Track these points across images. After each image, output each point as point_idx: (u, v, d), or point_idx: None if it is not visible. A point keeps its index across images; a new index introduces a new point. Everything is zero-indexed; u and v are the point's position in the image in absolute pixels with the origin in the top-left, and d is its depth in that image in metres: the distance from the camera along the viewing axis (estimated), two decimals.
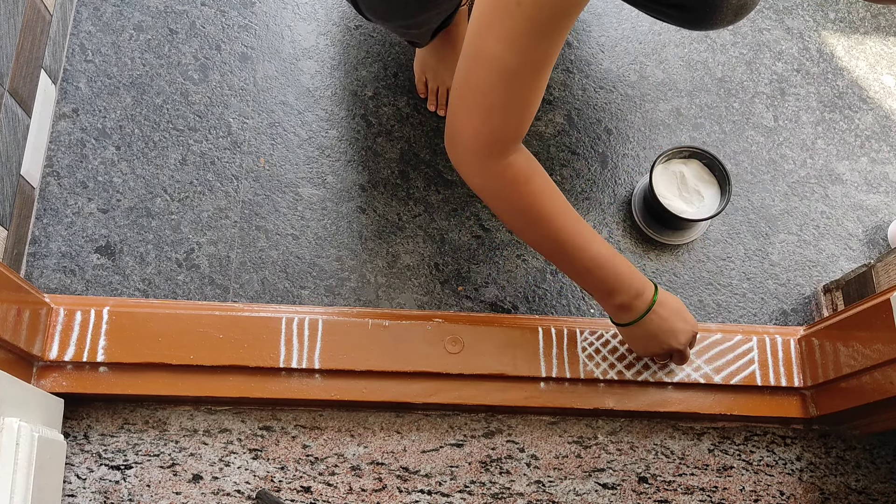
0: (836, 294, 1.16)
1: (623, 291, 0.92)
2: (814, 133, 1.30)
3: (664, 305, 0.95)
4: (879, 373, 0.94)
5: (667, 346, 0.98)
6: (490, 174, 0.83)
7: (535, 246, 0.91)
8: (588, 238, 0.89)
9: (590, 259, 0.89)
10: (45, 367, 1.00)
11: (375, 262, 1.15)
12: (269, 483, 1.03)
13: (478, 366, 1.04)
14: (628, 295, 0.92)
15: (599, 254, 0.90)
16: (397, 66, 1.25)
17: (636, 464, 1.09)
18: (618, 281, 0.91)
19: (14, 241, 1.05)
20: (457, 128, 0.81)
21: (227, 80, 1.21)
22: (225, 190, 1.16)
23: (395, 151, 1.21)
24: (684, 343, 0.98)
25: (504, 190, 0.85)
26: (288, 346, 1.02)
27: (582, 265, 0.90)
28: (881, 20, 1.39)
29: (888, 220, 1.26)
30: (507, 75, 0.75)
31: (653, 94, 1.29)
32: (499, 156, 0.82)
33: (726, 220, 1.23)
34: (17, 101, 1.04)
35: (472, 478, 1.06)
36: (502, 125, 0.79)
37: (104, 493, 1.01)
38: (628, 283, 0.92)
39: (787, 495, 1.09)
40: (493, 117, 0.79)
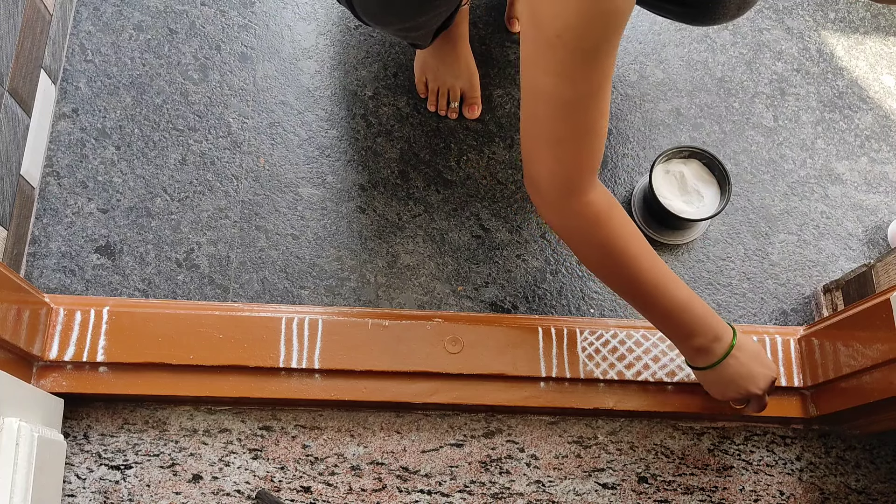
0: (835, 294, 1.16)
1: (701, 335, 0.91)
2: (814, 133, 1.30)
3: (743, 350, 0.94)
4: (879, 373, 0.94)
5: (744, 390, 0.96)
6: (570, 213, 0.83)
7: (613, 286, 0.90)
8: (668, 281, 0.88)
9: (669, 302, 0.88)
10: (45, 367, 1.00)
11: (375, 262, 1.15)
12: (268, 483, 1.03)
13: (478, 366, 1.04)
14: (706, 338, 0.91)
15: (679, 297, 0.89)
16: (397, 66, 1.25)
17: (636, 464, 1.09)
18: (696, 324, 0.90)
19: (14, 241, 1.05)
20: (533, 172, 0.81)
21: (226, 79, 1.21)
22: (225, 190, 1.16)
23: (394, 151, 1.21)
24: (763, 388, 0.96)
25: (584, 228, 0.84)
26: (288, 346, 1.02)
27: (662, 309, 0.89)
28: (881, 20, 1.39)
29: (888, 220, 1.26)
30: (567, 107, 0.75)
31: (652, 94, 1.29)
32: (579, 193, 0.81)
33: (726, 220, 1.23)
34: (16, 100, 1.04)
35: (472, 478, 1.06)
36: (574, 159, 0.79)
37: (104, 493, 1.01)
38: (707, 326, 0.91)
39: (786, 495, 1.10)
40: (564, 153, 0.78)
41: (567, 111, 0.75)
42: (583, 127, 0.77)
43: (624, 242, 0.85)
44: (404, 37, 1.06)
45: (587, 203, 0.82)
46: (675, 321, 0.90)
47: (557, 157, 0.79)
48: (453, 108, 1.21)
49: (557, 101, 0.75)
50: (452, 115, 1.22)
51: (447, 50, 1.17)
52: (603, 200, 0.83)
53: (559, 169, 0.80)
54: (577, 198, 0.82)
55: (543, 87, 0.74)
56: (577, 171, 0.80)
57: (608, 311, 1.16)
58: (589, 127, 0.77)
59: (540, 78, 0.74)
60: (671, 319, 0.90)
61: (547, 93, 0.74)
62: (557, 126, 0.77)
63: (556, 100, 0.74)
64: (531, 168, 0.82)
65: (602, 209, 0.83)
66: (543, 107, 0.76)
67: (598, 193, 0.83)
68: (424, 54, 1.19)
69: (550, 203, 0.83)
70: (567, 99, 0.74)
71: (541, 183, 0.81)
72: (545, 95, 0.75)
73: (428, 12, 0.96)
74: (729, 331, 0.93)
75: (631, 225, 0.86)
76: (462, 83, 1.20)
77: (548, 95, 0.75)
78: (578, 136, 0.77)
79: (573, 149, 0.78)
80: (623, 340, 1.07)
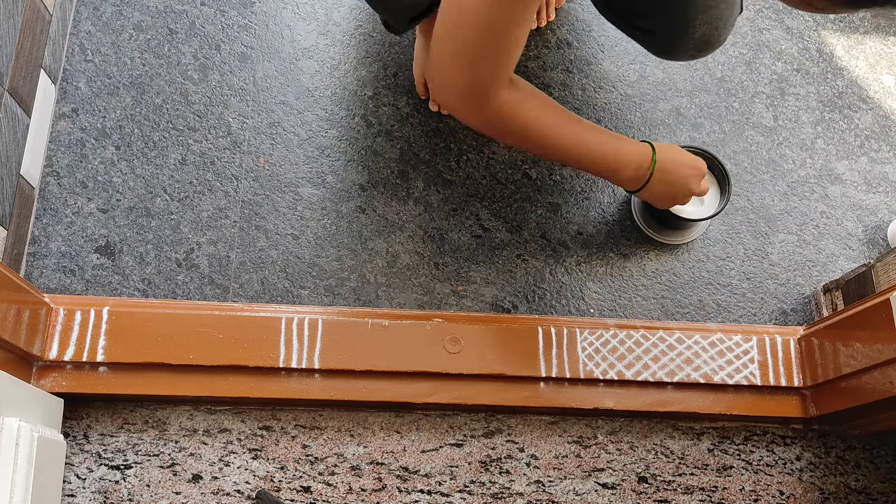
0: (835, 294, 1.16)
1: (625, 168, 0.98)
2: (813, 133, 1.30)
3: (664, 161, 1.00)
4: (879, 372, 0.94)
5: (681, 194, 1.04)
6: (487, 114, 0.87)
7: (542, 157, 0.97)
8: (587, 137, 0.94)
9: (591, 154, 0.95)
10: (45, 367, 1.00)
11: (375, 262, 1.15)
12: (268, 483, 1.03)
13: (477, 366, 1.04)
14: (631, 169, 0.98)
15: (599, 146, 0.95)
16: (397, 66, 1.25)
17: (636, 463, 1.09)
18: (619, 162, 0.97)
19: (14, 241, 1.05)
20: (446, 80, 0.84)
21: (226, 79, 1.21)
22: (225, 190, 1.16)
23: (394, 151, 1.21)
24: (696, 186, 1.04)
25: (501, 123, 0.88)
26: (288, 345, 1.02)
27: (586, 162, 0.96)
28: (881, 20, 1.39)
29: (888, 220, 1.26)
30: (495, 30, 0.78)
31: (652, 94, 1.29)
32: (494, 97, 0.85)
33: (726, 220, 1.23)
34: (16, 100, 1.04)
35: (472, 478, 1.06)
36: (492, 72, 0.83)
37: (104, 492, 1.01)
38: (628, 159, 0.97)
39: (786, 495, 1.10)
40: (481, 69, 0.82)
41: (494, 34, 0.78)
42: (505, 47, 0.80)
43: (539, 123, 0.90)
44: (381, 11, 1.06)
45: (501, 103, 0.86)
46: (600, 167, 0.97)
47: (474, 72, 0.82)
48: None
49: (487, 24, 0.77)
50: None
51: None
52: (515, 96, 0.87)
53: (476, 81, 0.83)
54: (493, 100, 0.85)
55: (474, 8, 0.77)
56: (494, 80, 0.84)
57: (608, 311, 1.16)
58: (511, 46, 0.81)
59: (472, 1, 0.76)
60: (596, 166, 0.97)
61: (476, 14, 0.77)
62: (481, 47, 0.79)
63: (485, 23, 0.77)
64: (444, 78, 0.84)
65: (514, 102, 0.87)
66: (470, 29, 0.78)
67: (511, 89, 0.87)
68: (421, 55, 1.18)
69: (462, 109, 0.88)
70: (498, 23, 0.77)
71: (454, 92, 0.85)
72: (473, 16, 0.77)
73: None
74: (648, 154, 0.99)
75: (543, 103, 0.91)
76: None
77: (476, 17, 0.77)
78: (500, 54, 0.81)
79: (492, 64, 0.82)
80: (623, 340, 1.07)
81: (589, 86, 1.28)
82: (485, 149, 1.22)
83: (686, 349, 1.07)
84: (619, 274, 1.18)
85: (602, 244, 1.19)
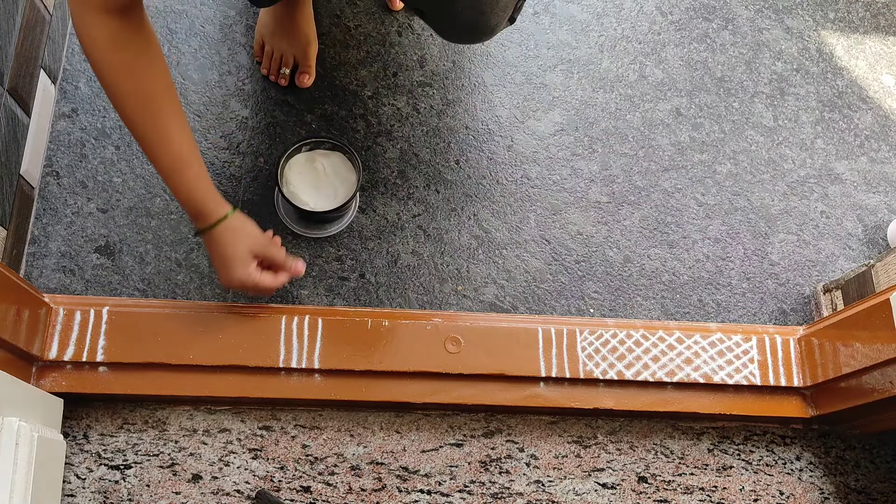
0: (835, 294, 1.16)
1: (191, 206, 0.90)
2: (813, 133, 1.30)
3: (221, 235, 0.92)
4: (879, 372, 0.94)
5: (222, 276, 0.95)
6: (78, 26, 0.80)
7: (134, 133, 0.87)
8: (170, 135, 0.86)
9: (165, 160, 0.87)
10: (45, 367, 1.00)
11: (375, 262, 1.15)
12: (268, 483, 1.03)
13: (477, 365, 1.04)
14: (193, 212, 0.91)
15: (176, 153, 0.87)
16: (397, 66, 1.25)
17: (636, 463, 1.09)
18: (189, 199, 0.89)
19: (13, 241, 1.05)
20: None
21: (225, 79, 1.21)
22: (224, 190, 1.15)
23: (394, 151, 1.21)
24: (233, 281, 0.95)
25: (86, 47, 0.81)
26: (287, 345, 1.02)
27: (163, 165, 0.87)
28: (881, 20, 1.39)
29: (888, 220, 1.26)
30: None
31: (652, 94, 1.29)
32: (92, 8, 0.78)
33: (726, 219, 1.23)
34: (16, 100, 1.04)
35: (472, 477, 1.06)
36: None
37: (104, 492, 1.01)
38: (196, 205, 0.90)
39: (786, 495, 1.10)
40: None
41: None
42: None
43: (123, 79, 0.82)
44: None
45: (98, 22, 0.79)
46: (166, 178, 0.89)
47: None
48: (283, 75, 1.20)
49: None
50: (282, 82, 1.20)
51: (285, 14, 1.15)
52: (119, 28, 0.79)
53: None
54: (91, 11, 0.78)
55: None
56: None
57: (608, 311, 1.16)
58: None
59: None
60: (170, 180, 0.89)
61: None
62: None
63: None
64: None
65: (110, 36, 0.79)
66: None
67: (120, 22, 0.80)
68: (265, 16, 1.17)
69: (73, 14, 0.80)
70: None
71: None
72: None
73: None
74: (216, 216, 0.91)
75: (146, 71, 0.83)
76: (296, 50, 1.18)
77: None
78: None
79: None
80: (623, 340, 1.07)
81: (588, 86, 1.28)
82: (485, 149, 1.22)
83: (686, 349, 1.07)
84: (618, 274, 1.18)
85: (601, 244, 1.19)
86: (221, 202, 0.92)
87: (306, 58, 1.20)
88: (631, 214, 1.21)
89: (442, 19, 0.97)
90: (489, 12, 0.95)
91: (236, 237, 0.93)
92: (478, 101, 1.25)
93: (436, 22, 0.99)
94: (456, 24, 0.96)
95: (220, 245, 0.93)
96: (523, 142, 1.23)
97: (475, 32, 0.98)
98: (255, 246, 0.95)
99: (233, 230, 0.93)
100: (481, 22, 0.95)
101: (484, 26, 0.96)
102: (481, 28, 0.97)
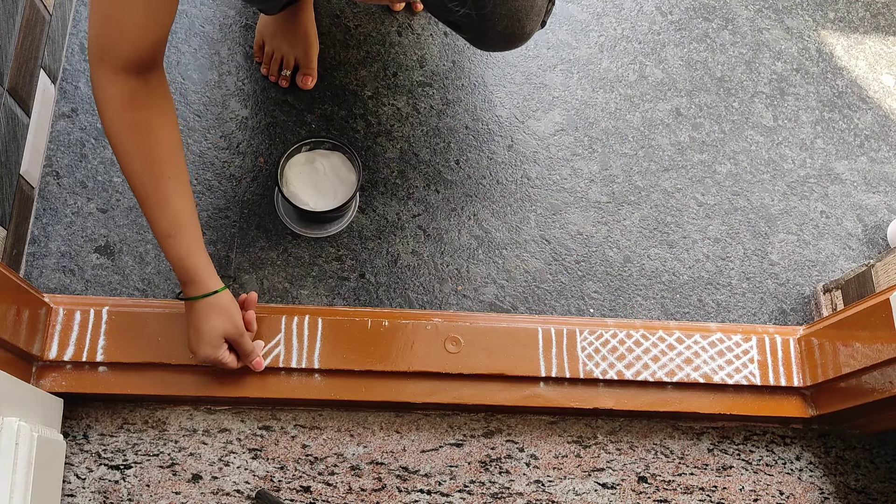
0: (835, 294, 1.16)
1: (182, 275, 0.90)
2: (813, 133, 1.30)
3: (197, 313, 0.92)
4: (879, 372, 0.94)
5: (192, 348, 0.95)
6: (95, 83, 0.81)
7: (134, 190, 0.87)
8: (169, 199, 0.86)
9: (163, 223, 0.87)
10: (45, 367, 0.99)
11: (375, 262, 1.15)
12: (268, 483, 1.03)
13: (477, 365, 1.04)
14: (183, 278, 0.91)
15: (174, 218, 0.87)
16: (397, 66, 1.25)
17: (636, 463, 1.09)
18: (182, 269, 0.89)
19: (13, 241, 1.05)
20: (89, 33, 0.81)
21: (225, 79, 1.21)
22: (224, 190, 1.15)
23: (394, 151, 1.21)
24: (200, 357, 0.95)
25: (100, 104, 0.82)
26: (287, 345, 1.02)
27: (159, 228, 0.88)
28: (881, 20, 1.39)
29: (888, 220, 1.26)
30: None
31: (652, 94, 1.29)
32: (110, 67, 0.80)
33: (726, 219, 1.23)
34: (16, 100, 1.04)
35: (472, 477, 1.06)
36: (118, 33, 0.78)
37: (103, 492, 1.01)
38: (187, 274, 0.90)
39: (786, 495, 1.10)
40: (109, 22, 0.78)
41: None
42: (135, 10, 0.77)
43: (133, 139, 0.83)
44: (254, 3, 1.04)
45: (114, 81, 0.80)
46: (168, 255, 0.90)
47: (103, 24, 0.78)
48: (284, 76, 1.20)
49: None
50: (283, 84, 1.21)
51: (286, 16, 1.15)
52: (137, 90, 0.81)
53: (101, 36, 0.79)
54: (107, 70, 0.80)
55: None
56: (115, 45, 0.78)
57: (608, 311, 1.16)
58: (139, 13, 0.77)
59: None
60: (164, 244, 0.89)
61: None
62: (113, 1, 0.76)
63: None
64: (88, 27, 0.80)
65: (127, 95, 0.81)
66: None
67: (137, 82, 0.81)
68: (266, 17, 1.18)
69: (91, 68, 0.81)
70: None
71: (88, 42, 0.80)
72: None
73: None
74: (204, 289, 0.91)
75: (158, 131, 0.84)
76: (297, 52, 1.19)
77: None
78: (126, 17, 0.77)
79: (118, 23, 0.78)
80: (623, 340, 1.07)
81: (588, 85, 1.28)
82: (485, 148, 1.22)
83: (686, 349, 1.07)
84: (618, 274, 1.18)
85: (601, 243, 1.19)
86: (213, 276, 0.92)
87: (308, 59, 1.20)
88: (631, 214, 1.21)
89: (479, 31, 0.98)
90: (525, 19, 0.96)
91: (217, 316, 0.93)
92: (478, 101, 1.25)
93: (471, 33, 1.00)
94: (493, 33, 0.97)
95: (199, 318, 0.92)
96: (523, 142, 1.23)
97: (512, 39, 0.99)
98: (231, 332, 0.94)
99: (217, 309, 0.92)
100: (518, 29, 0.97)
101: (521, 33, 0.98)
102: (518, 35, 0.98)
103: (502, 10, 0.94)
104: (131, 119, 0.83)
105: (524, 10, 0.95)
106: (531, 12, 0.96)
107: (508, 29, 0.96)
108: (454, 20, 0.99)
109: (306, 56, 1.19)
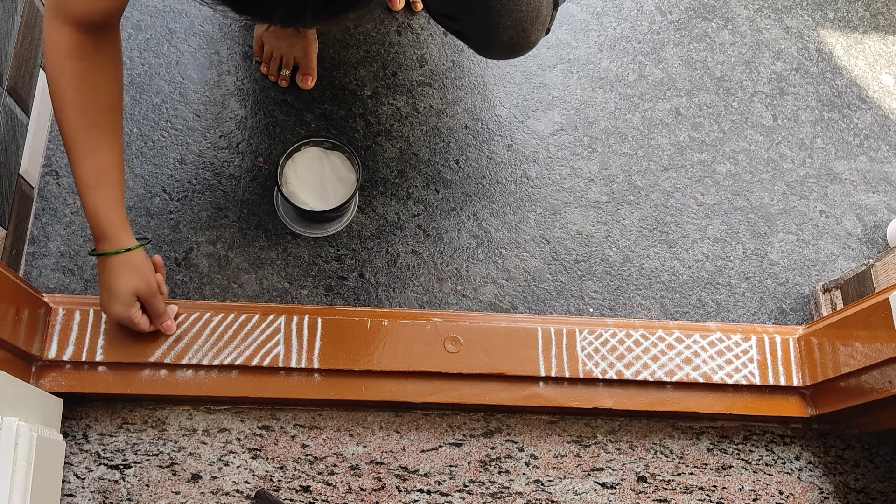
0: (835, 293, 1.16)
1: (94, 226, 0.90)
2: (813, 132, 1.30)
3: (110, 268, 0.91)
4: (878, 372, 0.94)
5: (103, 305, 0.95)
6: (46, 29, 0.82)
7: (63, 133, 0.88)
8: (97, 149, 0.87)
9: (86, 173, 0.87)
10: (44, 367, 0.99)
11: (375, 262, 1.15)
12: (268, 482, 1.03)
13: (477, 365, 1.04)
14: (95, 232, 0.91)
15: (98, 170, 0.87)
16: (397, 65, 1.25)
17: (635, 463, 1.09)
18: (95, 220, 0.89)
19: (13, 241, 1.05)
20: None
21: (224, 79, 1.21)
22: (224, 190, 1.15)
23: (394, 151, 1.21)
24: (112, 315, 0.95)
25: (45, 50, 0.83)
26: (287, 345, 1.02)
27: (82, 177, 0.88)
28: (880, 19, 1.39)
29: (887, 220, 1.26)
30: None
31: (651, 94, 1.29)
32: (61, 18, 0.81)
33: (725, 219, 1.23)
34: (15, 100, 1.04)
35: (472, 477, 1.06)
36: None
37: (103, 492, 1.01)
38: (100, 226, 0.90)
39: (785, 494, 1.10)
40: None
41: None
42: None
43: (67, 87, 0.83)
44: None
45: (62, 30, 0.81)
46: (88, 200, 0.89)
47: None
48: (284, 76, 1.20)
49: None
50: (283, 83, 1.21)
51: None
52: (84, 41, 0.81)
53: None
54: (58, 21, 0.81)
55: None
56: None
57: (607, 311, 1.16)
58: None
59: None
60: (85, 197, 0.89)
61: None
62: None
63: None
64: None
65: (71, 45, 0.81)
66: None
67: (85, 35, 0.82)
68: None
69: (45, 12, 0.81)
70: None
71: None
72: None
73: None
74: (116, 245, 0.91)
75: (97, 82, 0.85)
76: (297, 52, 1.19)
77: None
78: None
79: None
80: (622, 340, 1.07)
81: (588, 85, 1.28)
82: (485, 148, 1.22)
83: (685, 349, 1.07)
84: (618, 273, 1.18)
85: (600, 243, 1.19)
86: (128, 234, 0.92)
87: (308, 59, 1.20)
88: (630, 214, 1.21)
89: (484, 40, 0.99)
90: (530, 28, 0.96)
91: (127, 274, 0.93)
92: (477, 101, 1.25)
93: (477, 42, 1.01)
94: (499, 43, 0.98)
95: (111, 275, 0.92)
96: (523, 141, 1.23)
97: (517, 48, 1.00)
98: (142, 289, 0.94)
99: (129, 266, 0.93)
100: (523, 38, 0.97)
101: (526, 42, 0.98)
102: (523, 44, 0.99)
103: (507, 21, 0.94)
104: (72, 68, 0.83)
105: (529, 20, 0.95)
106: (536, 22, 0.96)
107: (514, 39, 0.97)
108: (460, 30, 1.00)
109: (306, 55, 1.19)
